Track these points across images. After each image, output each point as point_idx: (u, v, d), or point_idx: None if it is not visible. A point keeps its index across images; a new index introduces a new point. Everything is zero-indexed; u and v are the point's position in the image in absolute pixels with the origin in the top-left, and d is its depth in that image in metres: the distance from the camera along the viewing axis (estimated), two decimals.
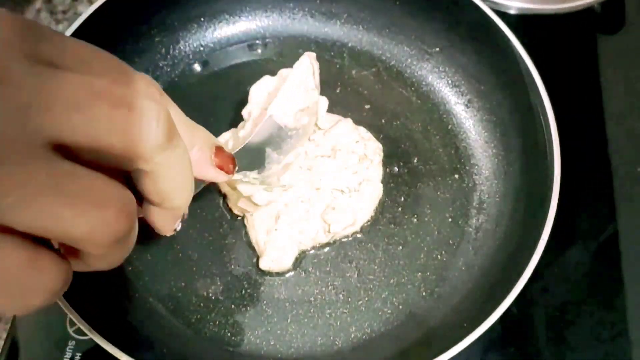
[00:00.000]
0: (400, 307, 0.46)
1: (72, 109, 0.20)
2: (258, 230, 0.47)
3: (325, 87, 0.53)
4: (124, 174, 0.24)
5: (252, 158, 0.42)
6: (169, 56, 0.55)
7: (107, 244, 0.21)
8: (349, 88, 0.55)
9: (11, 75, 0.20)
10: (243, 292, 0.46)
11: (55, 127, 0.20)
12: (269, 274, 0.47)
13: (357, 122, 0.52)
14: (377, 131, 0.52)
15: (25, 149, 0.19)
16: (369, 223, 0.49)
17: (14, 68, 0.20)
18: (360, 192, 0.49)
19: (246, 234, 0.48)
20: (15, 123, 0.19)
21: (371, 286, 0.47)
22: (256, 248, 0.48)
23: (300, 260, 0.48)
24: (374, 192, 0.50)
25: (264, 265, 0.47)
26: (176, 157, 0.25)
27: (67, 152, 0.20)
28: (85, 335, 0.38)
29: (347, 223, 0.48)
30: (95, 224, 0.20)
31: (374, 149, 0.51)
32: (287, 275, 0.47)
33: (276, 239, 0.47)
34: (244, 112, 0.49)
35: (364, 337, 0.45)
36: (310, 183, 0.48)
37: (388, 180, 0.51)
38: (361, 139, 0.51)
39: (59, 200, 0.19)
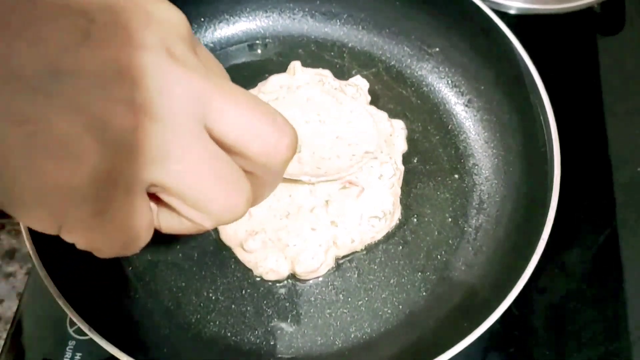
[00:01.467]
0: (400, 307, 0.46)
1: (233, 106, 0.24)
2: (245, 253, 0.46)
3: None
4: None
5: None
6: None
7: (225, 219, 0.26)
8: None
9: (192, 63, 0.24)
10: (243, 292, 0.46)
11: (216, 117, 0.24)
12: None
13: None
14: None
15: (197, 127, 0.23)
16: None
17: (191, 58, 0.25)
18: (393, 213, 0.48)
19: None
20: (194, 102, 0.23)
21: (371, 286, 0.47)
22: (246, 265, 0.47)
23: None
24: (399, 208, 0.49)
25: (257, 273, 0.46)
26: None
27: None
28: (85, 335, 0.38)
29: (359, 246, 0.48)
30: (227, 204, 0.25)
31: (400, 151, 0.51)
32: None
33: (267, 258, 0.46)
34: None
35: (364, 337, 0.45)
36: (327, 216, 0.46)
37: None
38: (393, 132, 0.51)
39: (211, 177, 0.24)
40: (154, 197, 0.25)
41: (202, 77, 0.24)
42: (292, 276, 0.47)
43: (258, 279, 0.47)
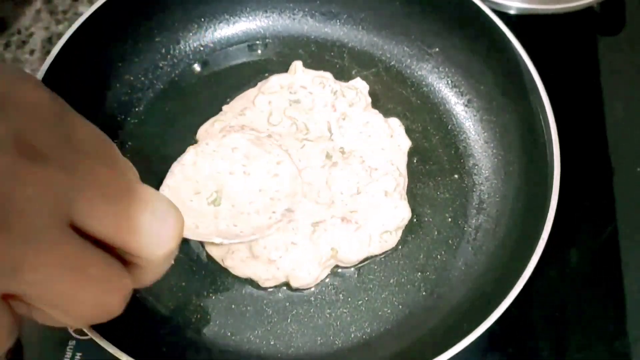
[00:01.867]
0: (400, 307, 0.46)
1: (102, 200, 0.22)
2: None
3: None
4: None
5: None
6: (169, 56, 0.55)
7: (101, 319, 0.23)
8: None
9: (55, 155, 0.21)
10: (243, 292, 0.46)
11: (83, 213, 0.21)
12: None
13: None
14: None
15: (56, 229, 0.21)
16: None
17: (54, 148, 0.21)
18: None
19: None
20: (51, 203, 0.21)
21: (371, 286, 0.47)
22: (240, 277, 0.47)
23: None
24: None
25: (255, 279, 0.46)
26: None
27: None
28: (86, 335, 0.38)
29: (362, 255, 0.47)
30: (97, 305, 0.23)
31: (405, 149, 0.51)
32: None
33: (257, 272, 0.46)
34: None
35: (364, 337, 0.45)
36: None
37: None
38: (392, 132, 0.51)
39: (75, 282, 0.21)
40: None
41: (63, 172, 0.21)
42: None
43: None
